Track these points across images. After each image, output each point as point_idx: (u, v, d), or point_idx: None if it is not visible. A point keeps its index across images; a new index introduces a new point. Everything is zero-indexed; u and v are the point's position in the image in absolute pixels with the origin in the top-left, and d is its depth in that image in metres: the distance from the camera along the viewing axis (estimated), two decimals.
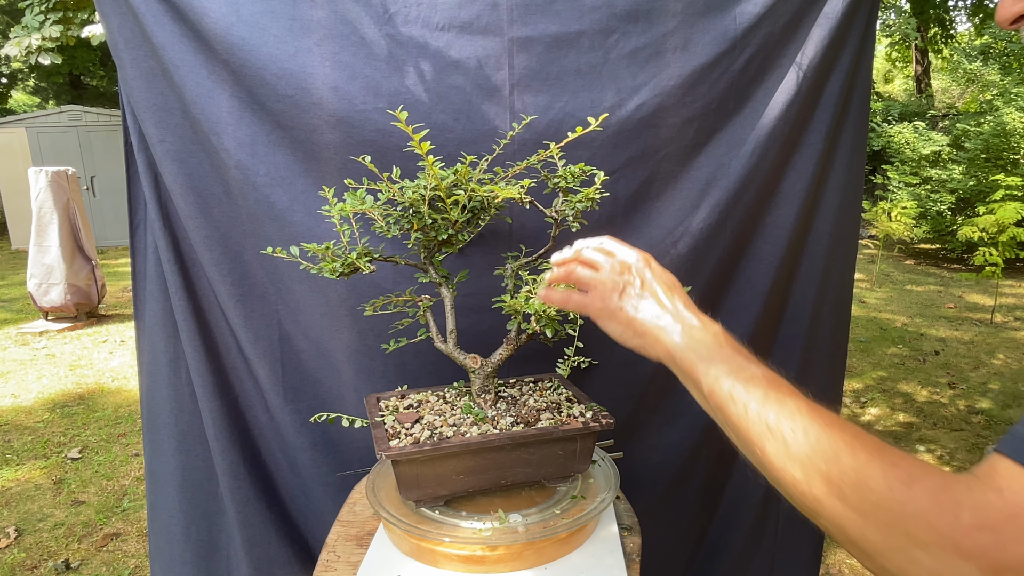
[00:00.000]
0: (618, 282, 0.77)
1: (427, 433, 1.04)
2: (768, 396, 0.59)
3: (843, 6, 1.41)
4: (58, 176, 5.64)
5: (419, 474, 1.01)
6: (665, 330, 0.71)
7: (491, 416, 1.11)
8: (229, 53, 1.30)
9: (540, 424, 1.08)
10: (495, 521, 1.02)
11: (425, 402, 1.18)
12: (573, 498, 1.10)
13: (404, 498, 1.05)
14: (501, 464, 1.06)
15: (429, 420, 1.10)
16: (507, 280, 1.21)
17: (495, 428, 1.06)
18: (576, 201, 1.15)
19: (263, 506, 1.57)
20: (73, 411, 4.13)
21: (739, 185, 1.46)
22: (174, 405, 1.56)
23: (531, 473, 1.09)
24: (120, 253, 10.18)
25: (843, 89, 1.49)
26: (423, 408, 1.15)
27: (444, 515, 1.04)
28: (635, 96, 1.39)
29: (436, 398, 1.20)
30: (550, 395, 1.21)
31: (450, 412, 1.13)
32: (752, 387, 0.60)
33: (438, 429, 1.06)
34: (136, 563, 2.60)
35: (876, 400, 4.19)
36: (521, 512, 1.05)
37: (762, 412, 0.59)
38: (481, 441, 1.02)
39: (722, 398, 0.62)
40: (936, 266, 8.90)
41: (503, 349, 1.14)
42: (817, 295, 1.60)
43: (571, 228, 1.19)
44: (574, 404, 1.17)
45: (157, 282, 1.52)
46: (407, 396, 1.21)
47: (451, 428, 1.06)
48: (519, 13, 1.33)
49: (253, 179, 1.37)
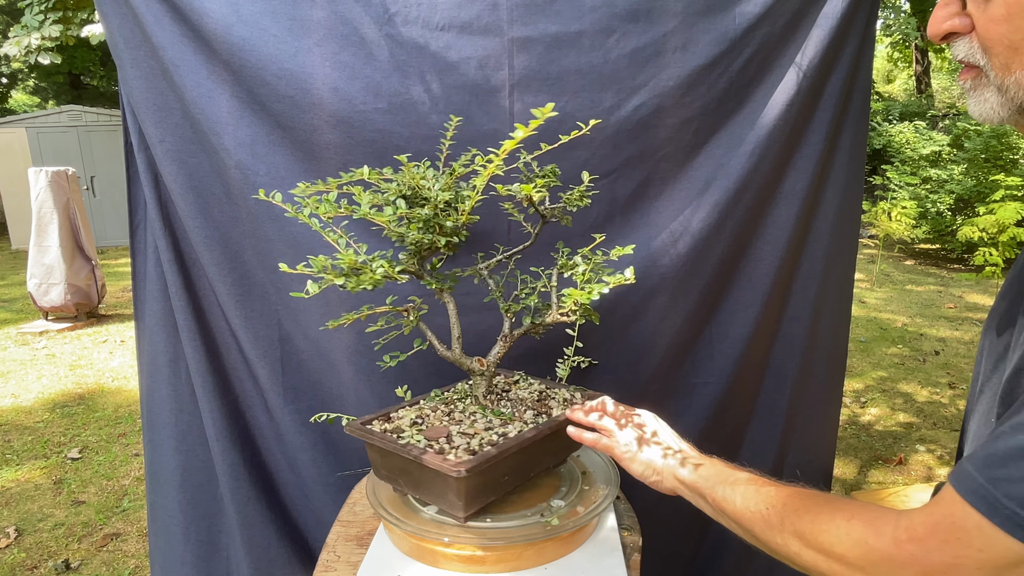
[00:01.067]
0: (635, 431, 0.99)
1: (476, 441, 1.02)
2: (748, 489, 0.79)
3: (843, 6, 1.41)
4: (58, 176, 5.63)
5: (481, 483, 0.98)
6: (677, 468, 0.91)
7: (513, 414, 1.13)
8: (229, 53, 1.30)
9: (555, 412, 1.13)
10: (548, 512, 1.05)
11: (424, 416, 1.12)
12: (584, 489, 1.12)
13: (463, 513, 0.98)
14: (534, 457, 1.09)
15: (457, 431, 1.06)
16: (487, 281, 1.21)
17: (527, 424, 1.09)
18: (573, 199, 1.15)
19: (263, 506, 1.57)
20: (73, 411, 4.13)
21: (739, 185, 1.46)
22: (174, 405, 1.56)
23: (549, 461, 1.13)
24: (120, 253, 10.18)
25: (843, 89, 1.49)
26: (429, 422, 1.10)
27: (496, 521, 1.02)
28: (634, 96, 1.39)
29: (432, 410, 1.15)
30: (528, 387, 1.26)
31: (468, 419, 1.11)
32: (738, 487, 0.81)
33: (477, 436, 1.04)
34: (136, 563, 2.60)
35: (876, 400, 4.19)
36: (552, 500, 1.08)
37: (746, 501, 0.78)
38: (534, 435, 1.04)
39: (721, 502, 0.82)
40: (936, 266, 8.90)
41: (499, 347, 1.15)
42: (817, 295, 1.60)
43: (562, 223, 1.20)
44: (554, 390, 1.24)
45: (157, 282, 1.52)
46: (394, 417, 1.13)
47: (488, 432, 1.05)
48: (519, 13, 1.33)
49: (253, 179, 1.37)
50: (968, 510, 0.54)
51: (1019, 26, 0.56)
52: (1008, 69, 0.58)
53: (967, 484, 0.55)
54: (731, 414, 1.63)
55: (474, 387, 1.18)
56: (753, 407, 1.67)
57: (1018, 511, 0.51)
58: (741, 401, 1.64)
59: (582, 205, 1.17)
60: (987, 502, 0.53)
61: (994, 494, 0.52)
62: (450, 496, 0.98)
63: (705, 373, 1.59)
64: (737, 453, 1.69)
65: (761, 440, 1.67)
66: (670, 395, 1.59)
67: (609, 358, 1.52)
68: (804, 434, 1.70)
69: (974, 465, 0.55)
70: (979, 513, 0.53)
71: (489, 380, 1.16)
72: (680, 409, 1.60)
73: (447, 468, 0.92)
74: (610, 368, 1.52)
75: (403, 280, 1.02)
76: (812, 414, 1.69)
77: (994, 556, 0.53)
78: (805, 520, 0.69)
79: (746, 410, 1.66)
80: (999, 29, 0.57)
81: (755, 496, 0.76)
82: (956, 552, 0.56)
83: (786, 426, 1.67)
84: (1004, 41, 0.57)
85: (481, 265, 1.22)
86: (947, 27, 0.61)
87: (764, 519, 0.74)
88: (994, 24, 0.57)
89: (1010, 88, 0.58)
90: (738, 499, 0.79)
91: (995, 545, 0.53)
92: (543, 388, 1.26)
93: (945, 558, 0.56)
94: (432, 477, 0.98)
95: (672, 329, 1.53)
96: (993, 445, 0.54)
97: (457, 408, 1.16)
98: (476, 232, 1.42)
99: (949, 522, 0.56)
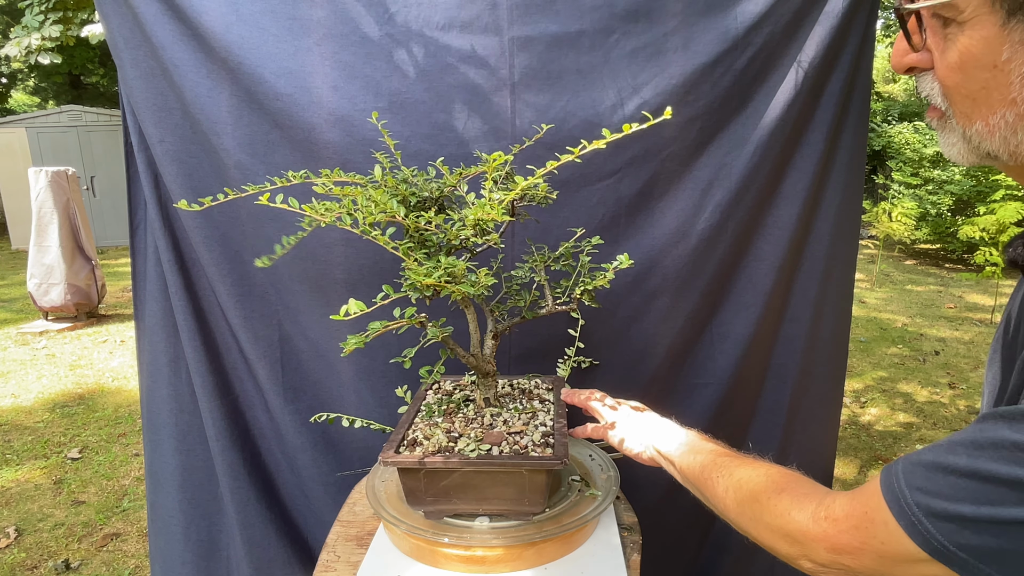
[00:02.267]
0: (622, 410, 1.10)
1: (531, 436, 1.04)
2: (708, 457, 0.87)
3: (843, 6, 1.41)
4: (58, 176, 5.63)
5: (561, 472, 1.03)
6: (657, 439, 1.00)
7: (525, 406, 1.15)
8: (228, 52, 1.30)
9: (548, 398, 1.17)
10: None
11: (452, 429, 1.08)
12: (586, 488, 1.12)
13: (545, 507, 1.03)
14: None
15: (507, 431, 1.07)
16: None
17: (547, 412, 1.12)
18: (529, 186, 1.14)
19: (263, 506, 1.57)
20: (73, 411, 4.13)
21: (741, 185, 1.46)
22: (174, 405, 1.56)
23: None
24: (120, 253, 10.18)
25: (844, 89, 1.49)
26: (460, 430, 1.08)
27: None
28: (637, 95, 1.39)
29: (451, 423, 1.10)
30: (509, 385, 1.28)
31: (498, 420, 1.11)
32: (699, 455, 0.89)
33: (524, 434, 1.06)
34: (136, 563, 2.60)
35: (876, 400, 4.19)
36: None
37: (704, 468, 0.85)
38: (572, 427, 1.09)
39: (685, 469, 0.90)
40: (936, 266, 8.90)
41: (491, 346, 1.15)
42: (818, 295, 1.60)
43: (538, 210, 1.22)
44: (535, 382, 1.28)
45: (157, 282, 1.52)
46: (418, 441, 1.05)
47: (529, 427, 1.08)
48: (519, 13, 1.33)
49: (253, 179, 1.37)
50: (882, 505, 0.58)
51: (973, 76, 0.52)
52: (969, 119, 0.55)
53: (889, 483, 0.58)
54: (732, 415, 1.63)
55: (485, 389, 1.17)
56: (754, 408, 1.67)
57: (922, 519, 0.54)
58: (742, 402, 1.63)
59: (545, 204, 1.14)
60: (899, 504, 0.57)
61: (908, 499, 0.56)
62: (533, 492, 1.00)
63: (706, 374, 1.59)
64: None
65: (762, 441, 1.67)
66: (671, 395, 1.59)
67: (610, 358, 1.51)
68: (805, 434, 1.69)
69: (903, 467, 0.58)
70: (889, 511, 0.57)
71: (495, 381, 1.16)
72: (681, 410, 1.59)
73: (548, 463, 0.96)
74: (611, 368, 1.52)
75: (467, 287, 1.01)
76: (813, 414, 1.69)
77: (892, 550, 0.58)
78: (745, 488, 0.76)
79: (747, 411, 1.66)
80: (954, 77, 0.54)
81: (711, 464, 0.84)
82: (862, 538, 0.61)
83: (787, 426, 1.66)
84: (961, 91, 0.54)
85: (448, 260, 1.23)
86: (908, 61, 0.58)
87: (713, 483, 0.82)
88: (950, 71, 0.54)
89: (972, 138, 0.56)
90: (697, 466, 0.87)
91: (895, 542, 0.57)
92: (506, 381, 1.29)
93: (852, 541, 0.61)
94: (507, 481, 0.99)
95: (673, 330, 1.53)
96: (925, 454, 0.57)
97: (470, 414, 1.14)
98: None
99: (863, 511, 0.61)
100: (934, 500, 0.54)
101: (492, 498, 1.01)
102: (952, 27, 0.53)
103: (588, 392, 1.17)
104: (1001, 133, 0.53)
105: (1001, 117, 0.52)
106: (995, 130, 0.53)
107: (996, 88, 0.52)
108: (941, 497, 0.53)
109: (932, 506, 0.54)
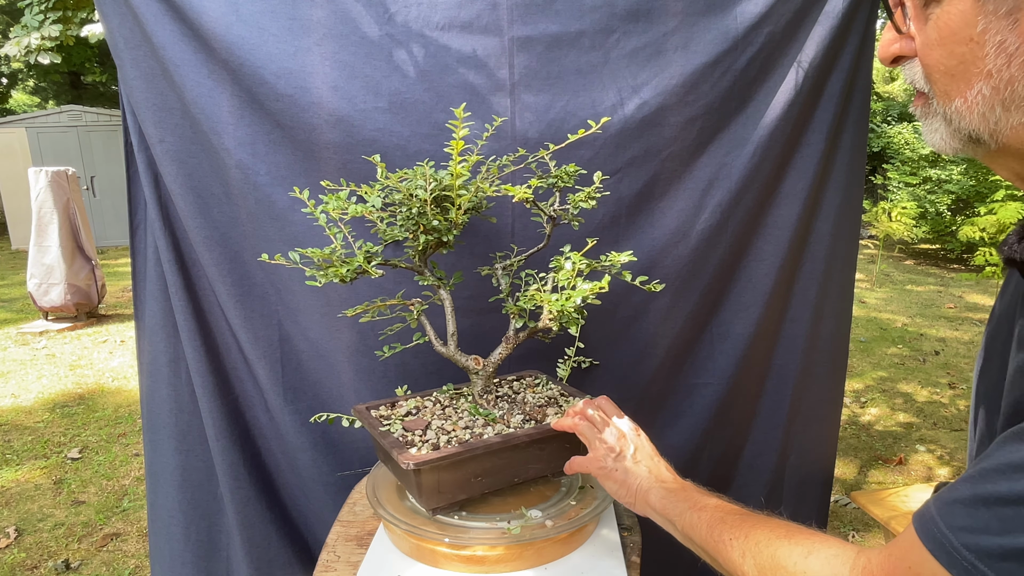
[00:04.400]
0: (614, 446, 0.97)
1: (444, 438, 1.03)
2: (714, 516, 0.79)
3: (843, 6, 1.41)
4: (58, 176, 5.63)
5: (441, 480, 0.99)
6: (650, 492, 0.90)
7: (500, 416, 1.11)
8: (228, 52, 1.30)
9: (548, 420, 1.10)
10: (518, 519, 1.03)
11: (422, 408, 1.16)
12: (582, 488, 1.11)
13: (425, 507, 1.02)
14: (516, 462, 1.06)
15: (439, 425, 1.08)
16: (500, 280, 1.21)
17: (508, 427, 1.07)
18: (578, 200, 1.15)
19: (263, 506, 1.57)
20: (73, 411, 4.13)
21: (741, 185, 1.46)
22: (174, 405, 1.56)
23: (542, 468, 1.10)
24: (120, 253, 10.18)
25: (843, 89, 1.49)
26: (423, 414, 1.13)
27: (465, 519, 1.03)
28: (637, 95, 1.39)
29: (432, 403, 1.18)
30: (542, 391, 1.24)
31: (456, 416, 1.12)
32: (704, 514, 0.81)
33: (451, 433, 1.04)
34: (136, 563, 2.60)
35: (876, 400, 4.19)
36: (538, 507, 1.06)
37: (711, 529, 0.78)
38: (502, 441, 1.02)
39: (688, 529, 0.82)
40: (936, 266, 8.89)
41: (502, 348, 1.14)
42: (818, 295, 1.60)
43: (572, 225, 1.20)
44: (569, 397, 1.21)
45: (157, 282, 1.52)
46: (398, 404, 1.18)
47: (465, 431, 1.05)
48: (519, 12, 1.33)
49: (253, 179, 1.37)
50: (926, 556, 0.52)
51: (951, 51, 0.53)
52: (948, 96, 0.55)
53: (928, 529, 0.53)
54: (733, 415, 1.63)
55: (472, 386, 1.18)
56: (755, 408, 1.67)
57: (976, 563, 0.49)
58: (743, 402, 1.63)
59: (587, 207, 1.16)
60: (946, 551, 0.51)
61: (954, 544, 0.51)
62: (412, 487, 1.01)
63: (706, 374, 1.59)
64: (739, 454, 1.69)
65: (763, 441, 1.67)
66: (671, 396, 1.59)
67: (610, 358, 1.51)
68: (805, 435, 1.69)
69: (937, 509, 0.53)
70: (936, 561, 0.51)
71: (487, 380, 1.16)
72: (681, 410, 1.59)
73: (400, 459, 0.95)
74: (611, 368, 1.52)
75: (376, 275, 1.03)
76: (813, 414, 1.69)
77: None
78: (765, 553, 0.69)
79: (748, 411, 1.66)
80: (934, 55, 0.55)
81: (720, 524, 0.77)
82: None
83: (788, 427, 1.66)
84: (940, 67, 0.55)
85: (499, 265, 1.22)
86: (893, 51, 0.59)
87: (727, 547, 0.74)
88: (930, 50, 0.55)
89: (953, 118, 0.55)
90: (703, 526, 0.79)
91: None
92: (556, 395, 1.23)
93: None
94: (397, 467, 1.00)
95: (673, 329, 1.53)
96: (958, 490, 0.52)
97: (454, 405, 1.16)
98: (489, 230, 1.42)
99: (906, 566, 0.55)
100: (983, 538, 0.49)
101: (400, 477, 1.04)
102: (932, 6, 0.54)
103: (583, 403, 1.06)
104: (979, 109, 0.53)
105: (978, 92, 0.52)
106: (973, 106, 0.53)
107: (973, 61, 0.52)
108: (991, 533, 0.48)
109: (983, 545, 0.49)
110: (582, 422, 1.01)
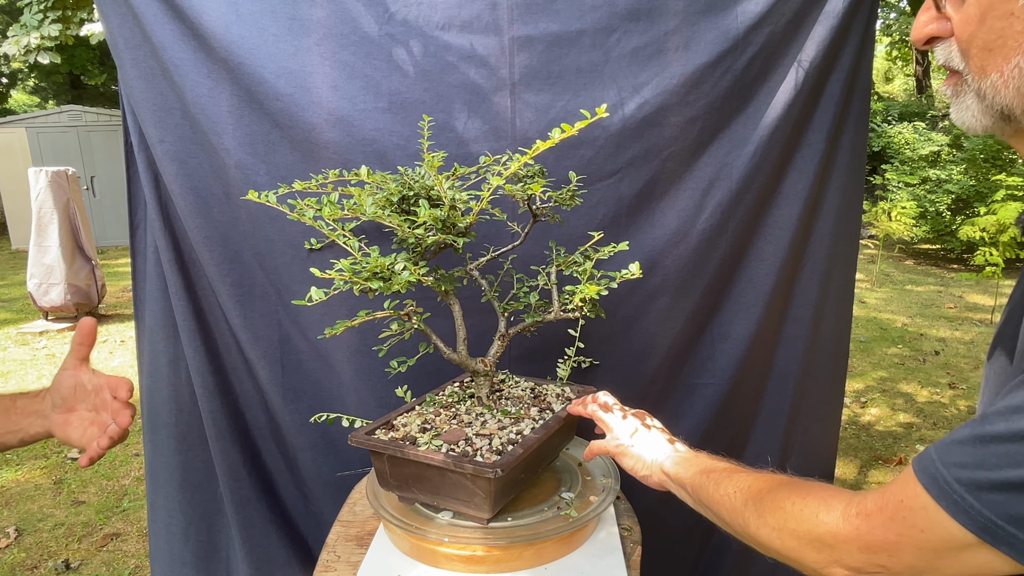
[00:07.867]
0: (629, 426, 1.02)
1: (496, 441, 1.01)
2: (722, 476, 0.82)
3: (843, 6, 1.40)
4: (58, 176, 5.63)
5: (506, 482, 0.97)
6: (665, 462, 0.94)
7: (520, 411, 1.13)
8: (228, 52, 1.30)
9: (556, 408, 1.14)
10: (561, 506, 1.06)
11: (431, 421, 1.11)
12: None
13: (489, 514, 0.98)
14: (544, 453, 1.09)
15: (474, 432, 1.05)
16: (480, 282, 1.21)
17: (535, 420, 1.09)
18: (558, 197, 1.16)
19: (263, 507, 1.57)
20: None
21: (741, 185, 1.46)
22: (174, 405, 1.56)
23: (551, 456, 1.15)
24: (120, 253, 10.18)
25: (844, 89, 1.48)
26: (439, 424, 1.09)
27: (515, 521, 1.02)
28: (637, 95, 1.39)
29: (435, 415, 1.13)
30: (517, 385, 1.28)
31: (477, 420, 1.10)
32: (713, 475, 0.84)
33: (494, 437, 1.03)
34: (136, 563, 2.60)
35: (876, 400, 4.19)
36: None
37: (718, 487, 0.80)
38: (545, 432, 1.04)
39: (699, 491, 0.84)
40: (936, 266, 8.89)
41: (496, 346, 1.15)
42: (819, 295, 1.60)
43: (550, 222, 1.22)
44: (544, 386, 1.27)
45: (157, 282, 1.52)
46: (395, 426, 1.10)
47: (504, 432, 1.05)
48: (519, 12, 1.33)
49: (253, 179, 1.37)
50: (918, 489, 0.54)
51: (991, 26, 0.55)
52: (984, 72, 0.57)
53: (924, 467, 0.55)
54: (734, 415, 1.62)
55: (477, 388, 1.17)
56: (756, 408, 1.66)
57: (965, 495, 0.51)
58: (743, 402, 1.63)
59: (570, 207, 1.17)
60: (937, 484, 0.53)
61: (945, 477, 0.52)
62: (476, 499, 0.97)
63: (707, 374, 1.59)
64: (741, 455, 1.69)
65: (764, 441, 1.67)
66: (672, 396, 1.59)
67: (610, 358, 1.51)
68: (806, 435, 1.69)
69: (936, 449, 0.55)
70: (927, 493, 0.53)
71: (491, 380, 1.16)
72: (682, 410, 1.59)
73: (482, 470, 0.91)
74: (611, 368, 1.52)
75: (428, 282, 1.01)
76: (814, 415, 1.69)
77: (934, 538, 0.54)
78: (766, 500, 0.71)
79: (749, 411, 1.66)
80: (973, 30, 0.56)
81: (727, 482, 0.80)
82: (899, 530, 0.56)
83: (788, 427, 1.66)
84: (978, 42, 0.56)
85: (471, 265, 1.21)
86: (928, 31, 0.61)
87: (730, 501, 0.77)
88: (968, 25, 0.57)
89: (987, 93, 0.57)
90: (711, 486, 0.82)
91: (937, 527, 0.53)
92: (533, 384, 1.29)
93: (888, 535, 0.57)
94: (455, 482, 0.97)
95: (674, 330, 1.53)
96: (959, 432, 0.54)
97: (461, 410, 1.15)
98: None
99: (898, 500, 0.57)
100: (976, 472, 0.50)
101: (446, 496, 1.01)
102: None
103: (592, 397, 1.10)
104: (1015, 83, 0.55)
105: (1016, 65, 0.54)
106: (1009, 80, 0.55)
107: (1012, 35, 0.53)
108: (984, 468, 0.50)
109: (975, 478, 0.50)
110: (597, 408, 1.07)
